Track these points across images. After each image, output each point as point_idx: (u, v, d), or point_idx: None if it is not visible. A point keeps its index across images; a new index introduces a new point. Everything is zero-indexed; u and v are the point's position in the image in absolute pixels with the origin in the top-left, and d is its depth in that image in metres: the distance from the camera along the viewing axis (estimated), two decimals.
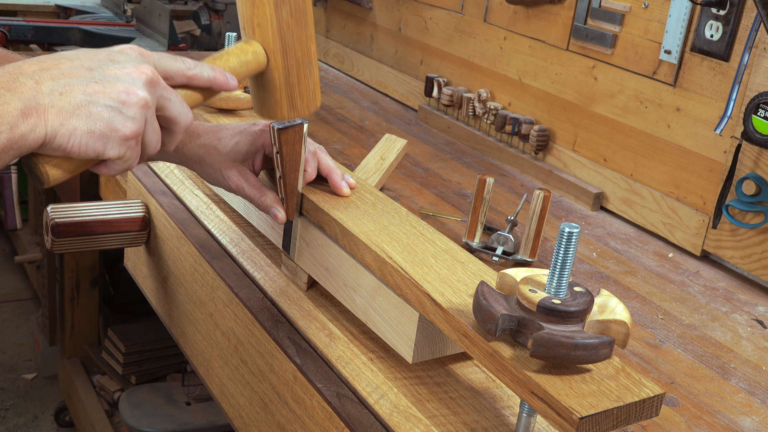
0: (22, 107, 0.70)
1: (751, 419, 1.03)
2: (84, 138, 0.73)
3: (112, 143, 0.75)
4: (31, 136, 0.70)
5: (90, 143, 0.74)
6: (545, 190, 1.27)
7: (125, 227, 1.37)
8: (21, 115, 0.69)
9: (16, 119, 0.69)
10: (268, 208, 1.03)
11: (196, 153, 1.06)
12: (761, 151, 1.37)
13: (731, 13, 1.42)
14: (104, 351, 2.58)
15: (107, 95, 0.75)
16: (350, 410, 0.89)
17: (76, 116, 0.73)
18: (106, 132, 0.74)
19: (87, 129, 0.73)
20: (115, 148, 0.76)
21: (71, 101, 0.73)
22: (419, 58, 2.26)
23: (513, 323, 0.76)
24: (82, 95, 0.74)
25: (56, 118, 0.72)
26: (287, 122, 0.97)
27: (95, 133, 0.74)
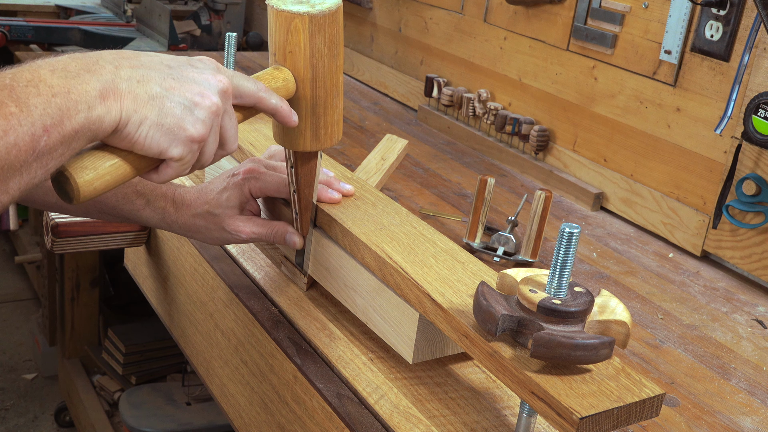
0: (100, 88, 0.69)
1: (751, 419, 1.03)
2: (152, 130, 0.73)
3: (177, 142, 0.75)
4: (107, 118, 0.70)
5: (156, 137, 0.74)
6: (546, 191, 1.27)
7: (125, 227, 1.37)
8: (99, 96, 0.69)
9: (94, 100, 0.69)
10: (284, 237, 1.02)
11: (191, 223, 1.04)
12: (761, 152, 1.37)
13: (731, 13, 1.42)
14: (104, 351, 2.58)
15: (182, 93, 0.75)
16: (350, 410, 0.89)
17: (150, 106, 0.73)
18: (175, 129, 0.74)
19: (157, 121, 0.73)
20: (179, 148, 0.76)
21: (147, 91, 0.73)
22: (419, 59, 2.26)
23: (513, 323, 0.76)
24: (158, 87, 0.74)
25: (131, 104, 0.72)
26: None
27: (164, 127, 0.74)
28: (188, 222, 1.04)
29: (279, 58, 0.88)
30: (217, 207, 1.02)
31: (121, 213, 1.06)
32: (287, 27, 0.86)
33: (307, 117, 0.90)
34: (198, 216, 1.03)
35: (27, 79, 0.66)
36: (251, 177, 1.02)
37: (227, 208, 1.02)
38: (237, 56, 2.14)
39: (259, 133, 1.29)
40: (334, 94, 0.91)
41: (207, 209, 1.03)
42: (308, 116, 0.90)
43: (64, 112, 0.66)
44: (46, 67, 0.68)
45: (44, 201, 1.04)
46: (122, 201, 1.04)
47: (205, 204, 1.03)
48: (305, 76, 0.88)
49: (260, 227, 1.03)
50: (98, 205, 1.05)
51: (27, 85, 0.65)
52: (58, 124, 0.66)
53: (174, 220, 1.05)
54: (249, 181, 1.02)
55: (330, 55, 0.88)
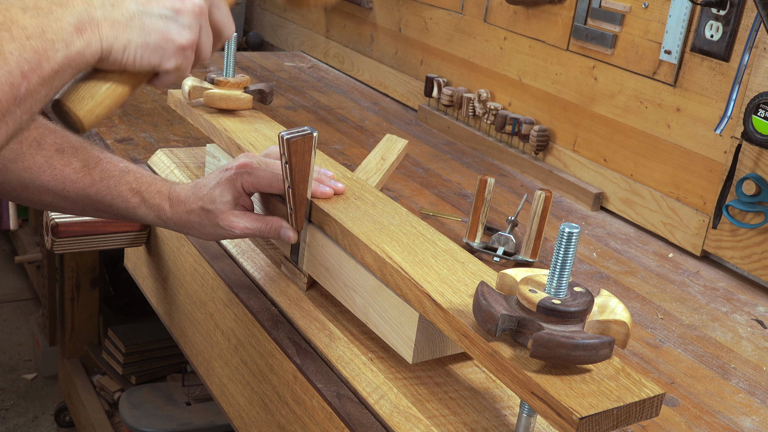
0: (75, 22, 0.68)
1: (751, 419, 1.03)
2: (139, 51, 0.72)
3: (168, 54, 0.74)
4: (88, 51, 0.69)
5: (146, 56, 0.73)
6: (546, 191, 1.27)
7: (125, 227, 1.37)
8: (75, 30, 0.68)
9: (71, 35, 0.67)
10: (278, 233, 1.02)
11: (186, 219, 1.04)
12: (761, 151, 1.37)
13: (731, 13, 1.42)
14: (104, 351, 2.58)
15: (161, 3, 0.73)
16: (350, 410, 0.89)
17: (130, 28, 0.71)
18: (162, 43, 0.73)
19: (141, 41, 0.72)
20: (172, 59, 0.75)
21: (123, 12, 0.71)
22: (419, 58, 2.26)
23: (513, 323, 0.76)
24: (134, 5, 0.72)
25: (110, 31, 0.70)
26: (296, 131, 0.96)
27: (150, 46, 0.72)
28: (183, 218, 1.05)
29: None
30: (211, 203, 1.02)
31: (117, 211, 1.06)
32: None
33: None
34: (192, 212, 1.04)
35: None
36: (244, 172, 1.03)
37: (221, 203, 1.02)
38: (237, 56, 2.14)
39: (259, 133, 1.29)
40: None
41: (201, 205, 1.03)
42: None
43: (42, 54, 0.65)
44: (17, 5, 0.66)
45: (40, 200, 1.04)
46: (118, 199, 1.04)
47: (198, 200, 1.03)
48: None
49: (254, 222, 1.03)
50: (95, 204, 1.05)
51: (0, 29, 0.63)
52: (37, 67, 0.65)
53: (169, 217, 1.05)
54: (241, 175, 1.02)
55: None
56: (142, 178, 1.05)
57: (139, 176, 1.05)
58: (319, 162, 1.16)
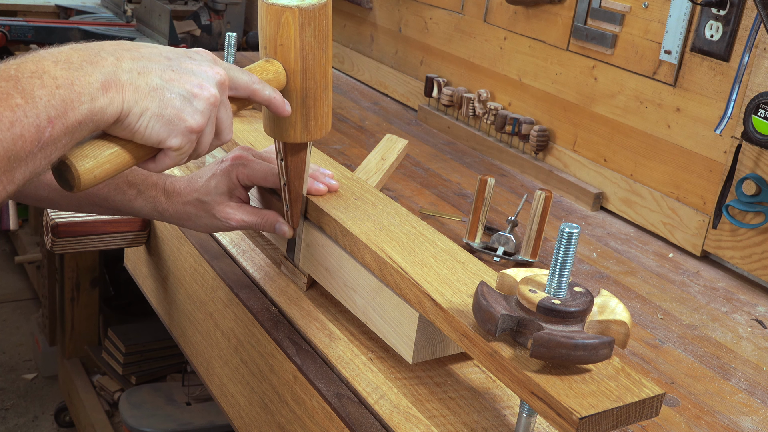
0: (103, 80, 0.71)
1: (751, 419, 1.03)
2: (152, 121, 0.75)
3: (176, 132, 0.77)
4: (109, 109, 0.71)
5: (156, 127, 0.75)
6: (546, 191, 1.27)
7: (125, 227, 1.37)
8: (102, 87, 0.70)
9: (97, 92, 0.70)
10: (273, 226, 1.03)
11: (183, 211, 1.05)
12: (761, 152, 1.37)
13: (731, 13, 1.42)
14: (104, 351, 2.58)
15: (181, 85, 0.76)
16: (350, 410, 0.89)
17: (150, 98, 0.74)
18: (174, 120, 0.76)
19: (157, 112, 0.75)
20: (178, 138, 0.77)
21: (148, 82, 0.74)
22: (419, 58, 2.26)
23: (513, 323, 0.76)
24: (158, 79, 0.75)
25: (132, 95, 0.73)
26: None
27: (164, 118, 0.75)
28: (179, 210, 1.05)
29: (270, 50, 0.89)
30: (206, 194, 1.03)
31: (113, 204, 1.06)
32: (278, 20, 0.87)
33: (297, 108, 0.92)
34: (188, 204, 1.04)
35: (31, 71, 0.67)
36: (239, 163, 1.03)
37: (216, 194, 1.03)
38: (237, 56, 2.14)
39: (258, 133, 1.29)
40: (323, 86, 0.92)
41: (197, 197, 1.04)
42: (299, 108, 0.92)
43: (68, 104, 0.68)
44: (49, 59, 0.69)
45: (36, 195, 1.05)
46: (114, 192, 1.05)
47: (194, 192, 1.04)
48: (296, 68, 0.89)
49: (250, 215, 1.03)
50: (90, 197, 1.05)
51: (31, 77, 0.66)
52: (62, 115, 0.67)
53: (165, 209, 1.06)
54: (237, 167, 1.03)
55: (320, 47, 0.90)
56: (138, 170, 1.06)
57: (134, 169, 1.05)
58: (319, 162, 1.16)
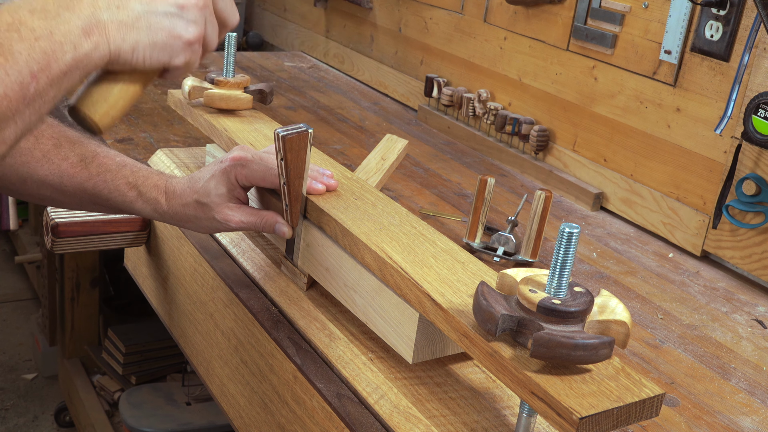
0: (82, 25, 0.69)
1: (751, 419, 1.03)
2: (148, 50, 0.73)
3: (176, 51, 0.75)
4: (95, 54, 0.70)
5: (155, 54, 0.74)
6: (546, 191, 1.27)
7: (125, 227, 1.37)
8: (83, 33, 0.68)
9: (79, 38, 0.68)
10: (273, 227, 1.03)
11: (182, 213, 1.05)
12: (761, 152, 1.37)
13: (731, 13, 1.42)
14: (104, 351, 2.58)
15: (165, 1, 0.74)
16: (350, 410, 0.89)
17: (137, 29, 0.72)
18: (170, 41, 0.74)
19: (149, 41, 0.73)
20: (180, 55, 0.76)
21: (130, 14, 0.72)
22: (419, 58, 2.26)
23: (513, 323, 0.76)
24: (139, 5, 0.73)
25: (117, 33, 0.71)
26: (292, 128, 0.96)
27: (158, 44, 0.74)
28: (179, 212, 1.05)
29: None
30: (206, 196, 1.03)
31: (114, 205, 1.06)
32: None
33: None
34: (188, 205, 1.04)
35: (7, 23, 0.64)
36: (238, 164, 1.03)
37: (216, 196, 1.03)
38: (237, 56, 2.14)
39: (258, 132, 1.29)
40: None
41: (196, 198, 1.03)
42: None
43: (50, 56, 0.66)
44: (25, 8, 0.67)
45: (39, 194, 1.05)
46: (115, 193, 1.05)
47: (194, 193, 1.04)
48: None
49: (249, 216, 1.03)
50: (92, 197, 1.05)
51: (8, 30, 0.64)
52: (45, 68, 0.66)
53: (165, 211, 1.06)
54: (235, 168, 1.03)
55: None
56: (139, 172, 1.05)
57: (135, 170, 1.05)
58: (319, 162, 1.16)
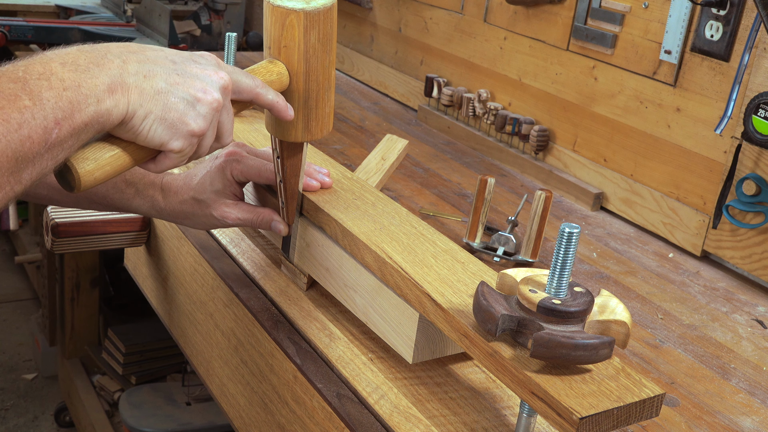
0: (109, 83, 0.71)
1: (751, 419, 1.03)
2: (156, 124, 0.76)
3: (177, 135, 0.78)
4: (115, 111, 0.72)
5: (159, 130, 0.76)
6: (547, 191, 1.27)
7: (125, 227, 1.37)
8: (108, 90, 0.71)
9: (103, 94, 0.71)
10: (269, 224, 1.04)
11: (179, 210, 1.06)
12: (761, 152, 1.37)
13: (731, 13, 1.42)
14: (104, 351, 2.58)
15: (185, 89, 0.77)
16: (350, 410, 0.89)
17: (155, 101, 0.75)
18: (177, 123, 0.77)
19: (161, 115, 0.76)
20: (179, 141, 0.78)
21: (153, 86, 0.75)
22: (419, 58, 2.26)
23: (513, 323, 0.76)
24: (163, 83, 0.76)
25: (138, 98, 0.74)
26: None
27: (167, 121, 0.76)
28: (176, 209, 1.06)
29: (274, 51, 0.90)
30: (202, 192, 1.04)
31: (111, 202, 1.07)
32: (282, 22, 0.87)
33: (299, 109, 0.92)
34: (185, 202, 1.05)
35: (39, 72, 0.67)
36: (232, 159, 1.04)
37: (211, 192, 1.04)
38: (237, 56, 2.14)
39: (258, 132, 1.29)
40: (326, 87, 0.92)
41: (192, 195, 1.04)
42: (300, 108, 0.92)
43: (75, 106, 0.68)
44: (57, 60, 0.70)
45: (35, 193, 1.06)
46: (112, 191, 1.06)
47: (190, 190, 1.05)
48: (299, 70, 0.90)
49: (246, 213, 1.04)
50: (89, 195, 1.06)
51: (39, 78, 0.67)
52: (69, 117, 0.68)
53: (163, 208, 1.07)
54: (231, 163, 1.04)
55: (323, 50, 0.90)
56: (137, 169, 1.06)
57: (134, 168, 1.06)
58: (319, 162, 1.16)
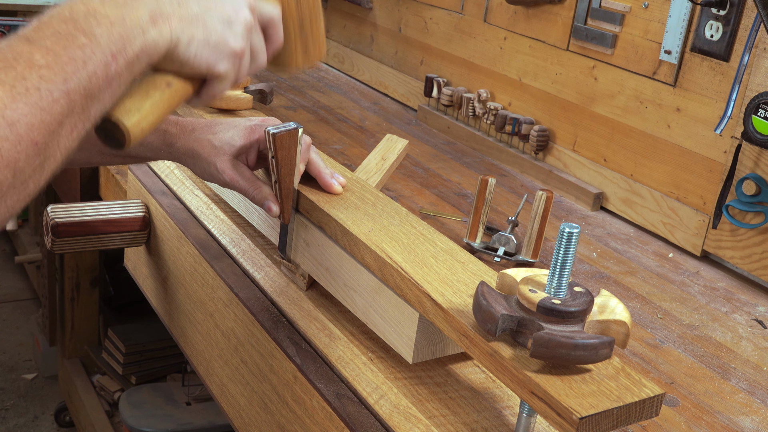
0: (149, 13, 0.72)
1: (751, 419, 1.03)
2: (200, 47, 0.76)
3: (222, 56, 0.78)
4: (160, 41, 0.73)
5: (205, 53, 0.77)
6: (548, 191, 1.27)
7: (125, 227, 1.37)
8: (150, 20, 0.72)
9: (147, 24, 0.71)
10: (262, 201, 1.04)
11: (190, 147, 1.06)
12: (761, 151, 1.37)
13: (731, 13, 1.42)
14: (104, 351, 2.58)
15: (218, 11, 0.78)
16: (350, 410, 0.89)
17: (194, 25, 0.76)
18: (220, 44, 0.78)
19: (204, 38, 0.76)
20: (224, 62, 0.79)
21: (189, 11, 0.76)
22: (419, 58, 2.26)
23: (513, 323, 0.76)
24: (197, 7, 0.76)
25: (178, 24, 0.74)
26: (282, 126, 0.98)
27: (210, 44, 0.77)
28: (186, 146, 1.06)
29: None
30: (220, 140, 1.04)
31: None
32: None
33: (296, 35, 0.93)
34: (197, 141, 1.06)
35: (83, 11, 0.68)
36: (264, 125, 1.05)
37: (228, 144, 1.04)
38: None
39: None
40: (316, 9, 0.94)
41: (208, 137, 1.05)
42: (297, 35, 0.93)
43: (125, 39, 0.69)
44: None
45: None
46: None
47: (210, 133, 1.05)
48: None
49: (245, 180, 1.04)
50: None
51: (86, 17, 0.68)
52: (122, 50, 0.69)
53: (173, 143, 1.07)
54: (261, 128, 1.05)
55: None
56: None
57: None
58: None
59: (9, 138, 0.59)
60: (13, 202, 0.61)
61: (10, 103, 0.59)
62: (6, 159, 0.58)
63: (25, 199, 0.63)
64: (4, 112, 0.58)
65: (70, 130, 0.65)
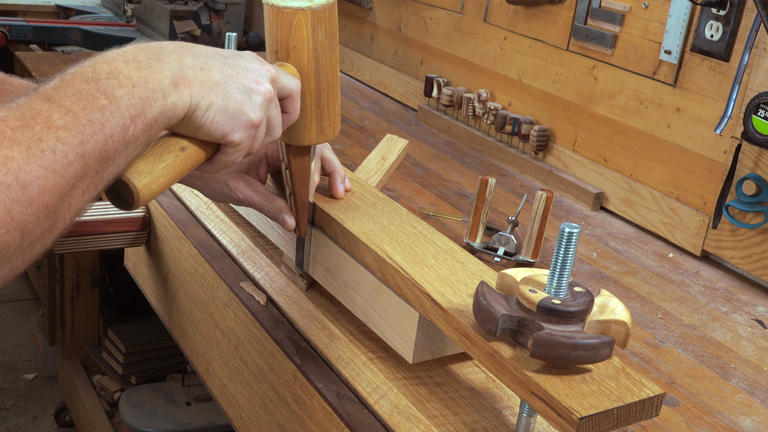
0: (172, 77, 0.72)
1: (751, 419, 1.03)
2: (218, 114, 0.76)
3: (238, 126, 0.78)
4: (180, 104, 0.73)
5: (221, 121, 0.77)
6: (548, 191, 1.27)
7: (125, 227, 1.37)
8: (172, 84, 0.72)
9: (168, 87, 0.71)
10: (278, 215, 1.02)
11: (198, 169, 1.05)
12: (761, 152, 1.37)
13: (731, 13, 1.42)
14: (104, 351, 2.58)
15: (240, 80, 0.78)
16: (350, 410, 0.89)
17: (215, 92, 0.76)
18: (237, 113, 0.78)
19: (222, 106, 0.76)
20: (240, 132, 0.78)
21: (210, 78, 0.76)
22: (419, 58, 2.26)
23: (513, 323, 0.76)
24: (219, 74, 0.77)
25: (199, 90, 0.75)
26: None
27: (228, 112, 0.77)
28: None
29: (281, 55, 0.89)
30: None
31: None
32: (290, 23, 0.87)
33: (312, 110, 0.92)
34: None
35: (107, 72, 0.68)
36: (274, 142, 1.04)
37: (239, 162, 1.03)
38: None
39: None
40: (334, 85, 0.92)
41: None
42: (313, 109, 0.92)
43: (145, 102, 0.69)
44: (119, 59, 0.70)
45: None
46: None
47: None
48: (309, 69, 0.89)
49: (259, 196, 1.02)
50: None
51: (108, 77, 0.68)
52: (141, 113, 0.69)
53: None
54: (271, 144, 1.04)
55: (330, 47, 0.90)
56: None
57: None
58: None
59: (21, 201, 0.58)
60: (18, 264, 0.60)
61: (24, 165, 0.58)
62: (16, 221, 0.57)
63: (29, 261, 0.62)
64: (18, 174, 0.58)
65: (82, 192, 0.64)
